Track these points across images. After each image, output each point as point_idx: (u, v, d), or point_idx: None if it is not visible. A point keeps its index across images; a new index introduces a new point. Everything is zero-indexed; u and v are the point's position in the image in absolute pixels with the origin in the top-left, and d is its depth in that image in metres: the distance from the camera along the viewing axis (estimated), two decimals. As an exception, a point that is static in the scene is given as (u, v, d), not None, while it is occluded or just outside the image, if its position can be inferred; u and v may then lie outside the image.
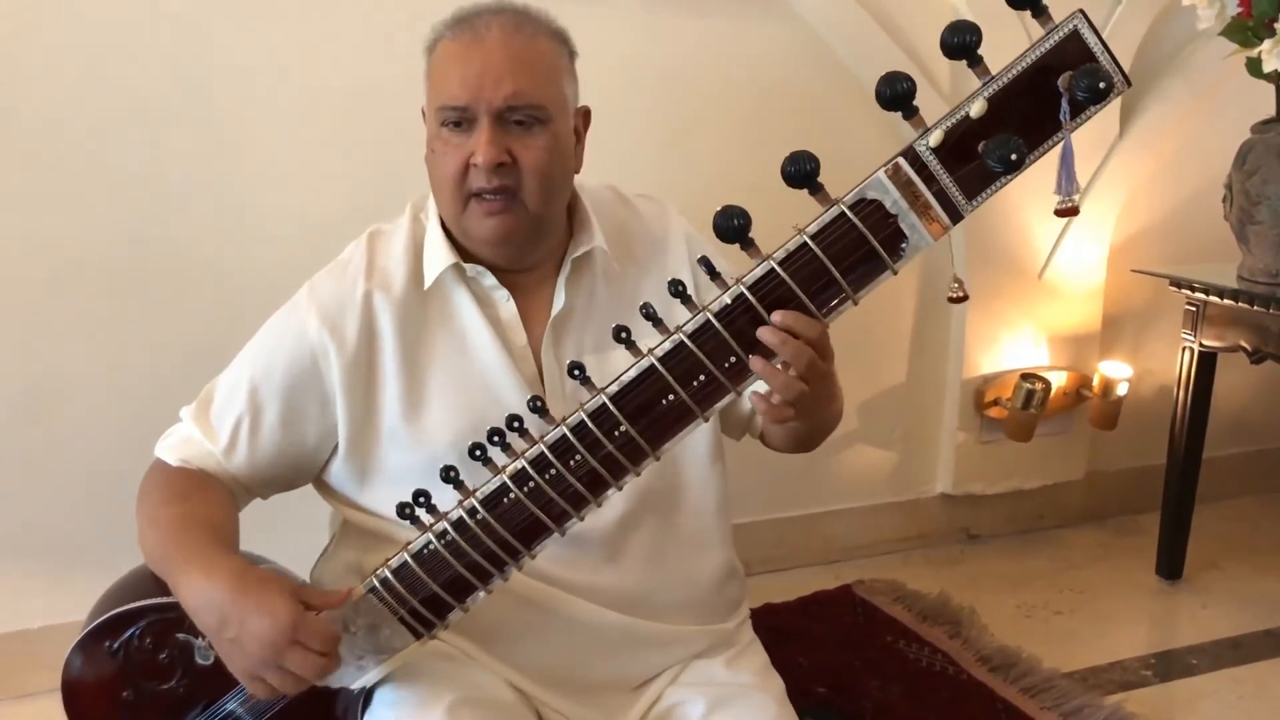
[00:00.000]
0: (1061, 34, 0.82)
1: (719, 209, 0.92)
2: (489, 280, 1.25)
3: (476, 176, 1.17)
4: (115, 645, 1.15)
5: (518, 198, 1.18)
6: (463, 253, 1.25)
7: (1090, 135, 2.38)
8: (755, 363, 0.96)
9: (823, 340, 0.97)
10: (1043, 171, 0.87)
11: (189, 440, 1.26)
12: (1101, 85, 0.79)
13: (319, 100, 1.89)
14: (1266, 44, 1.85)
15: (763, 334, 0.95)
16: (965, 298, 0.92)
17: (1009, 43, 0.87)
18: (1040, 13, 0.80)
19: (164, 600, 1.14)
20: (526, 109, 1.17)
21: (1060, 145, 0.84)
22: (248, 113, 1.85)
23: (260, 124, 1.86)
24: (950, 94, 2.26)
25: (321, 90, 1.88)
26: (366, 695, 1.16)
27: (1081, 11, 0.81)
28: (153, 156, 1.82)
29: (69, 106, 1.76)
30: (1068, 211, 0.85)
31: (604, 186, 1.38)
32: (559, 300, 1.26)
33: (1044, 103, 0.83)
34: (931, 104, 0.87)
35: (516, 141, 1.17)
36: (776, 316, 0.94)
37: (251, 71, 1.84)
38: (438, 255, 1.24)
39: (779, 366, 0.97)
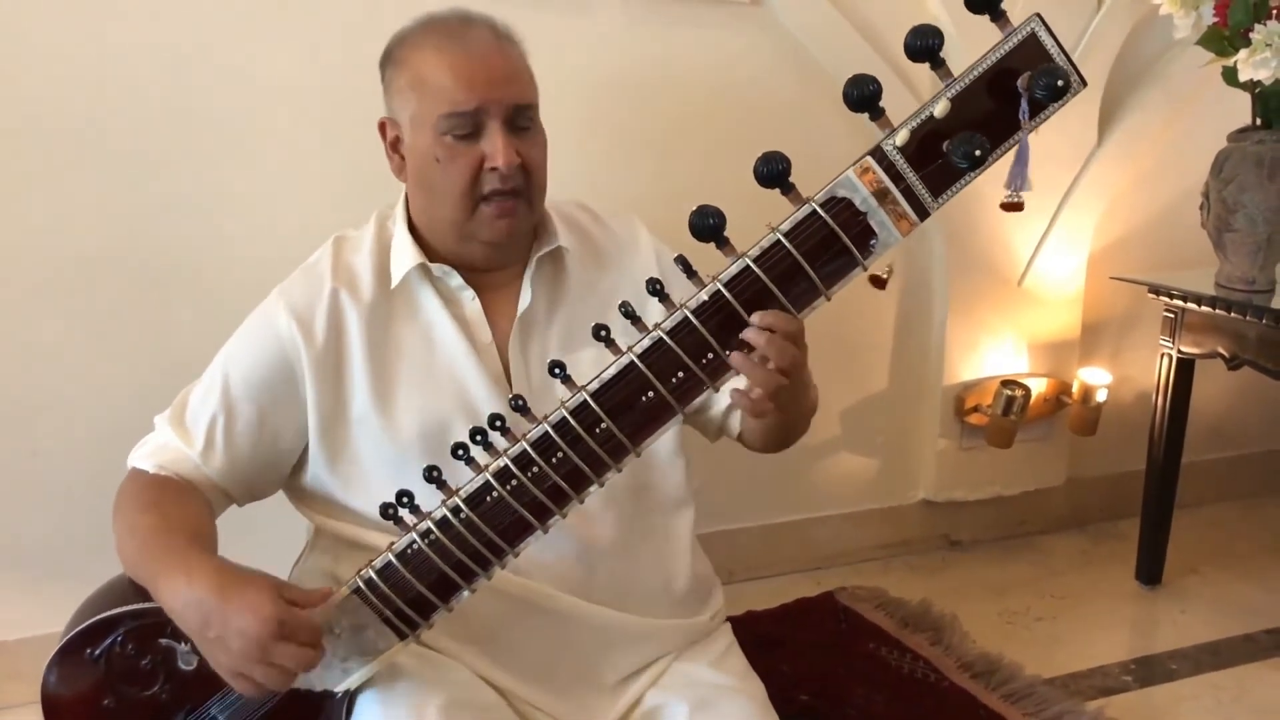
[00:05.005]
0: (1020, 36, 0.85)
1: (695, 208, 0.94)
2: (455, 280, 1.28)
3: (491, 180, 1.21)
4: (97, 652, 1.14)
5: (522, 198, 1.23)
6: (429, 254, 1.28)
7: (1068, 143, 2.40)
8: (735, 359, 0.98)
9: (800, 334, 1.00)
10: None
11: (165, 446, 1.26)
12: (1059, 84, 0.81)
13: (301, 111, 1.89)
14: (1242, 53, 1.87)
15: (747, 334, 0.96)
16: (885, 281, 0.95)
17: (988, 46, 0.89)
18: (998, 16, 0.83)
19: (145, 606, 1.13)
20: (529, 110, 1.24)
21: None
22: (230, 124, 1.85)
23: (242, 135, 1.86)
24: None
25: (304, 102, 1.88)
26: (350, 701, 1.16)
27: (1038, 15, 0.84)
28: (134, 169, 1.81)
29: (44, 119, 1.75)
30: (1012, 206, 0.88)
31: (572, 202, 1.42)
32: (525, 297, 1.29)
33: (1005, 102, 0.85)
34: (911, 108, 0.89)
35: (521, 143, 1.22)
36: (757, 317, 0.96)
37: (234, 82, 1.84)
38: (404, 255, 1.27)
39: (758, 361, 0.98)
